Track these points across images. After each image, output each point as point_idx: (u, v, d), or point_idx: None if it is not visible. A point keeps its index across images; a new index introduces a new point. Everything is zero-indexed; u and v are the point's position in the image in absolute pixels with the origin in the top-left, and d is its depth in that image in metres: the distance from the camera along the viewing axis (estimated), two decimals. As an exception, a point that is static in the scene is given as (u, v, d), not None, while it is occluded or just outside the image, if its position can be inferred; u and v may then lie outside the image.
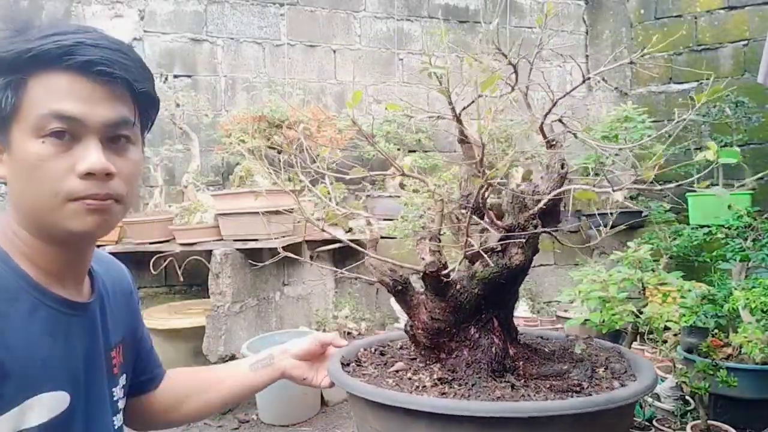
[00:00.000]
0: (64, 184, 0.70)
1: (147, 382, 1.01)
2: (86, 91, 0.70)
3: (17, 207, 0.74)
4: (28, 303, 0.71)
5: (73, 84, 0.69)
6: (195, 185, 3.15)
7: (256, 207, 2.73)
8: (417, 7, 4.24)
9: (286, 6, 3.96)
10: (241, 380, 1.06)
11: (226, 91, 3.85)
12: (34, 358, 0.70)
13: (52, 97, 0.69)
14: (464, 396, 0.83)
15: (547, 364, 0.95)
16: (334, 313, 3.31)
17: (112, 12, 3.63)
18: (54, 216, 0.71)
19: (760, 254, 2.08)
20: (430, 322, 0.96)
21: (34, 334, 0.71)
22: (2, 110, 0.69)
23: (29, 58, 0.68)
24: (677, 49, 4.17)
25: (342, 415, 2.66)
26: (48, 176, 0.69)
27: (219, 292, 2.71)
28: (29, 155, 0.69)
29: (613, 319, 1.61)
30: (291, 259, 1.12)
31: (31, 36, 0.69)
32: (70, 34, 0.69)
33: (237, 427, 2.56)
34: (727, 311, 1.78)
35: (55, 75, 0.69)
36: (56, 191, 0.70)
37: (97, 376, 0.81)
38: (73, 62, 0.68)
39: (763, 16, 3.89)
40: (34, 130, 0.69)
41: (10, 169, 0.72)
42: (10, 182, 0.72)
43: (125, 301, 0.94)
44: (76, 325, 0.77)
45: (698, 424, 1.70)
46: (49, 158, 0.69)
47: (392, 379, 0.93)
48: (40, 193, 0.70)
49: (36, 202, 0.71)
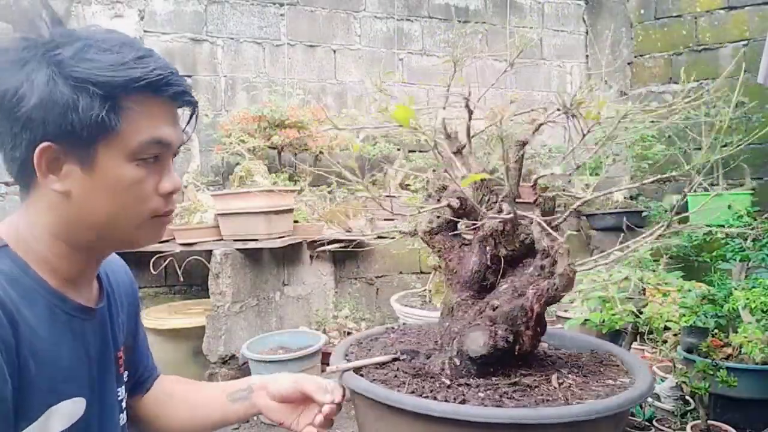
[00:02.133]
0: (150, 203, 0.75)
1: (141, 381, 1.00)
2: (174, 118, 0.76)
3: (76, 222, 0.73)
4: (48, 310, 0.72)
5: (168, 111, 0.75)
6: (195, 185, 3.15)
7: (256, 207, 2.74)
8: (417, 7, 4.24)
9: (286, 6, 3.96)
10: (219, 409, 1.00)
11: (226, 91, 3.85)
12: (58, 366, 0.71)
13: (152, 123, 0.72)
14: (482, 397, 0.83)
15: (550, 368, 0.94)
16: (334, 313, 3.31)
17: (112, 12, 3.63)
18: (131, 231, 0.75)
19: (760, 254, 2.08)
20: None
21: (57, 343, 0.71)
22: (101, 131, 0.69)
23: (137, 86, 0.69)
24: (677, 49, 4.17)
25: (342, 415, 2.66)
26: (138, 197, 0.73)
27: (219, 292, 2.71)
28: (123, 178, 0.71)
29: (613, 319, 1.61)
30: (291, 259, 1.11)
31: (122, 58, 0.69)
32: (157, 60, 0.73)
33: (237, 427, 2.56)
34: (727, 311, 1.78)
35: (156, 102, 0.72)
36: (142, 210, 0.74)
37: (108, 378, 0.83)
38: (172, 92, 0.73)
39: (763, 16, 3.89)
40: (132, 154, 0.71)
41: (84, 186, 0.71)
42: (81, 199, 0.71)
43: (129, 300, 0.95)
44: (89, 330, 0.79)
45: (698, 424, 1.70)
46: (142, 180, 0.73)
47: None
48: (125, 211, 0.73)
49: (115, 220, 0.73)
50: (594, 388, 0.86)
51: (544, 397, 0.82)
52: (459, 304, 0.95)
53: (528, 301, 0.87)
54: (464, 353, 0.88)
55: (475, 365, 0.88)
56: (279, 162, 3.59)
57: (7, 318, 0.65)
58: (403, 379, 0.87)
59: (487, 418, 0.72)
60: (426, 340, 1.10)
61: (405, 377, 0.88)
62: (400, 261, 3.49)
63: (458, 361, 0.89)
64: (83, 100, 0.67)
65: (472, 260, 0.97)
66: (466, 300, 0.95)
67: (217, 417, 1.00)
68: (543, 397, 0.82)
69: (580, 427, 0.73)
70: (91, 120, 0.67)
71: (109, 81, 0.68)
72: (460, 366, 0.88)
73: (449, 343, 0.91)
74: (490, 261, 0.97)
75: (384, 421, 0.82)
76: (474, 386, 0.84)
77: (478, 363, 0.88)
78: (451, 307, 0.96)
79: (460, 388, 0.84)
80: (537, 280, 0.89)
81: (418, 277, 3.46)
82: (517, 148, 0.95)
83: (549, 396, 0.82)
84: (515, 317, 0.88)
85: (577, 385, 0.87)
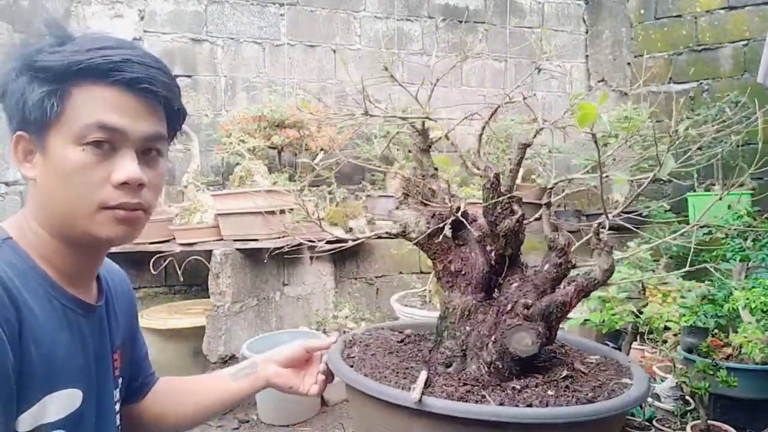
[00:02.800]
0: (99, 192, 0.72)
1: (138, 389, 1.01)
2: (130, 106, 0.73)
3: (43, 208, 0.75)
4: (47, 300, 0.73)
5: (119, 98, 0.72)
6: (195, 185, 3.15)
7: (256, 207, 2.74)
8: (417, 7, 4.24)
9: (286, 6, 3.96)
10: (223, 390, 1.04)
11: (226, 91, 3.85)
12: (56, 354, 0.71)
13: (97, 108, 0.71)
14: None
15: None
16: (334, 313, 3.31)
17: (112, 12, 3.63)
18: (84, 222, 0.73)
19: (760, 254, 2.08)
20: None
21: (55, 331, 0.72)
22: (44, 116, 0.70)
23: (78, 69, 0.70)
24: (677, 49, 4.17)
25: (342, 415, 2.66)
26: (84, 183, 0.72)
27: (219, 292, 2.71)
28: (68, 161, 0.71)
29: (613, 319, 1.61)
30: (291, 259, 1.11)
31: (79, 47, 0.71)
32: (117, 49, 0.72)
33: (237, 427, 2.56)
34: (727, 311, 1.78)
35: (101, 88, 0.71)
36: (90, 198, 0.72)
37: (107, 377, 0.83)
38: (121, 78, 0.71)
39: (763, 16, 3.89)
40: (76, 138, 0.71)
41: (42, 171, 0.73)
42: (41, 184, 0.74)
43: (126, 306, 0.95)
44: (87, 326, 0.79)
45: (698, 424, 1.70)
46: (87, 166, 0.71)
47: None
48: (74, 199, 0.72)
49: (68, 207, 0.73)
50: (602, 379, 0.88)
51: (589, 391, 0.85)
52: (476, 306, 0.95)
53: (567, 297, 0.89)
54: (509, 355, 0.88)
55: (519, 366, 0.89)
56: (279, 162, 3.58)
57: (10, 300, 0.67)
58: (461, 390, 0.86)
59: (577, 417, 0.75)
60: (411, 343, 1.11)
61: (459, 387, 0.87)
62: (400, 261, 3.49)
63: (500, 364, 0.89)
64: (32, 88, 0.70)
65: (479, 261, 0.97)
66: (482, 302, 0.96)
67: (225, 398, 1.04)
68: (587, 391, 0.85)
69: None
70: (36, 105, 0.70)
71: (53, 66, 0.69)
72: (503, 368, 0.89)
73: (481, 348, 0.92)
74: (495, 261, 0.97)
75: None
76: (532, 386, 0.86)
77: (522, 363, 0.89)
78: (466, 309, 0.96)
79: (530, 390, 0.85)
80: (556, 276, 0.91)
81: (418, 277, 3.46)
82: (519, 150, 0.95)
83: (593, 389, 0.86)
84: (550, 313, 0.90)
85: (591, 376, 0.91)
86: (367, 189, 3.72)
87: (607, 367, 0.98)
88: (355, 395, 0.88)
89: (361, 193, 3.72)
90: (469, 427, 0.75)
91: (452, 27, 4.29)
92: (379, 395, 0.81)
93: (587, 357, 1.04)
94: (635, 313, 1.62)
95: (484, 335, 0.92)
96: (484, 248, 0.98)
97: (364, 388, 0.84)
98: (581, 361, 1.00)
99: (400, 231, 1.00)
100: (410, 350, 1.06)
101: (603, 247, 0.88)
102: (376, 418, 0.85)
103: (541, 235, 0.95)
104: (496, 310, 0.93)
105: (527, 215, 0.96)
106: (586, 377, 0.92)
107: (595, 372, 0.95)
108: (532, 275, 0.95)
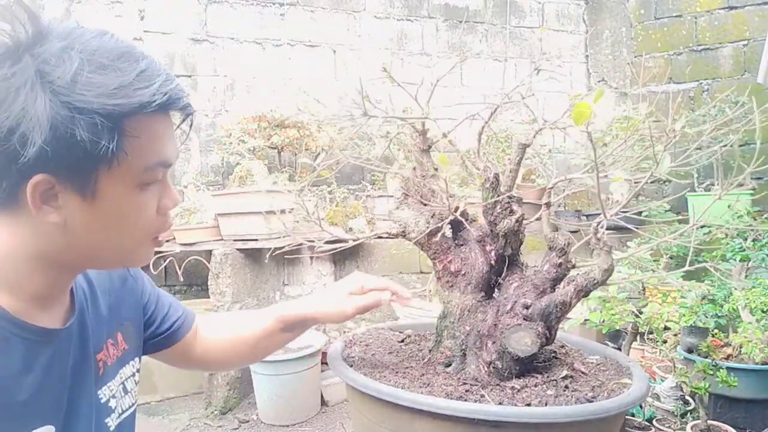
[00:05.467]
0: (153, 225, 0.70)
1: (173, 331, 0.97)
2: (171, 131, 0.69)
3: (71, 247, 0.66)
4: (4, 342, 0.64)
5: (167, 127, 0.68)
6: (195, 185, 3.16)
7: (256, 207, 2.74)
8: (417, 7, 4.24)
9: (286, 6, 3.96)
10: (273, 339, 1.02)
11: (226, 91, 3.85)
12: (15, 399, 0.64)
13: (158, 145, 0.66)
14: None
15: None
16: (334, 313, 3.31)
17: (112, 12, 3.63)
18: (130, 255, 0.71)
19: (760, 254, 2.08)
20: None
21: (14, 376, 0.64)
22: (99, 161, 0.61)
23: (139, 106, 0.62)
24: (677, 49, 4.17)
25: (342, 415, 2.67)
26: (144, 219, 0.68)
27: (219, 292, 2.71)
28: (130, 204, 0.66)
29: (613, 319, 1.61)
30: (291, 259, 1.11)
31: (128, 78, 0.61)
32: (161, 73, 0.64)
33: (237, 427, 2.55)
34: (727, 311, 1.78)
35: (158, 120, 0.66)
36: (149, 233, 0.70)
37: (85, 390, 0.76)
38: (176, 108, 0.67)
39: (763, 16, 3.90)
40: (140, 180, 0.65)
41: (80, 215, 0.64)
42: (76, 227, 0.65)
43: (119, 286, 0.88)
44: (56, 351, 0.71)
45: (698, 424, 1.70)
46: (146, 205, 0.68)
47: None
48: (129, 237, 0.69)
49: (118, 247, 0.69)
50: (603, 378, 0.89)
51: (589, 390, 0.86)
52: (476, 306, 0.96)
53: (567, 297, 0.89)
54: (508, 354, 0.88)
55: (518, 365, 0.89)
56: (279, 162, 3.58)
57: None
58: (460, 389, 0.86)
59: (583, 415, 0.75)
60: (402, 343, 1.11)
61: (458, 386, 0.87)
62: (401, 261, 3.49)
63: (500, 364, 0.89)
64: (85, 131, 0.59)
65: (479, 261, 0.97)
66: (481, 301, 0.96)
67: (270, 344, 1.02)
68: (588, 390, 0.85)
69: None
70: (95, 152, 0.60)
71: (114, 109, 0.60)
72: (502, 368, 0.89)
73: (480, 347, 0.92)
74: (494, 261, 0.97)
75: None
76: (531, 386, 0.87)
77: (522, 363, 0.89)
78: (465, 309, 0.96)
79: (529, 389, 0.86)
80: (556, 276, 0.92)
81: (418, 277, 3.46)
82: (519, 150, 0.96)
83: (594, 389, 0.86)
84: (550, 313, 0.90)
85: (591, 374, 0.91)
86: (367, 189, 3.72)
87: (607, 367, 0.98)
88: (355, 395, 0.88)
89: (361, 193, 3.72)
90: (468, 426, 0.74)
91: (452, 27, 4.29)
92: (378, 395, 0.81)
93: (587, 357, 1.04)
94: (635, 313, 1.62)
95: (483, 335, 0.92)
96: (483, 248, 0.98)
97: (363, 387, 0.83)
98: (581, 361, 1.00)
99: (400, 231, 1.00)
100: (410, 350, 1.06)
101: (602, 247, 0.87)
102: (375, 418, 0.85)
103: (541, 235, 0.95)
104: (495, 310, 0.93)
105: (527, 215, 0.96)
106: (586, 377, 0.92)
107: (594, 372, 0.95)
108: (531, 275, 0.95)
